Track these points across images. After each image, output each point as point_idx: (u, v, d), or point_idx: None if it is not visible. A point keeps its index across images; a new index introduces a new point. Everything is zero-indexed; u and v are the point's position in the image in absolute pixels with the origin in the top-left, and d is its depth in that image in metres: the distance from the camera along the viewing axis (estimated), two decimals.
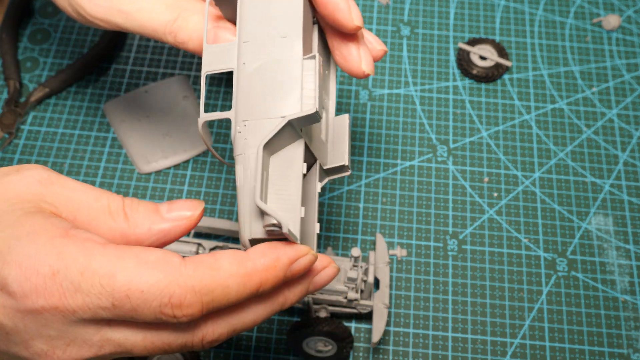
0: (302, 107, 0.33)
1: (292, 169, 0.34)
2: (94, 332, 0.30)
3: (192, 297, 0.29)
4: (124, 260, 0.29)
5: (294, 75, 0.33)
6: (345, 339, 0.48)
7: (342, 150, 0.39)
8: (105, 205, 0.33)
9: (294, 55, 0.34)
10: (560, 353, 0.51)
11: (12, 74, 0.61)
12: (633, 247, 0.56)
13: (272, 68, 0.34)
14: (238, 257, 0.31)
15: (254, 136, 0.33)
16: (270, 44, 0.34)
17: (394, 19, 0.68)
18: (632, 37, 0.67)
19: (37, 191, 0.32)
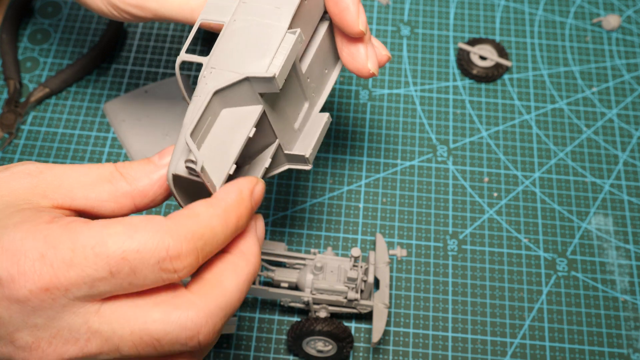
0: (267, 71, 0.34)
1: (240, 128, 0.34)
2: (82, 322, 0.29)
3: (187, 245, 0.29)
4: (111, 227, 0.29)
5: (272, 42, 0.35)
6: (345, 339, 0.48)
7: (309, 142, 0.40)
8: (96, 174, 0.33)
9: (279, 25, 0.35)
10: (560, 353, 0.51)
11: (12, 74, 0.62)
12: (633, 247, 0.56)
13: (255, 30, 0.35)
14: (209, 201, 0.32)
15: (215, 83, 0.34)
16: (263, 10, 0.36)
17: (394, 19, 0.68)
18: (632, 37, 0.67)
19: (29, 184, 0.32)
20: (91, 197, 0.33)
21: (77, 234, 0.29)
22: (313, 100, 0.41)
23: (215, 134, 0.34)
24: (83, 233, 0.29)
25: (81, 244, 0.28)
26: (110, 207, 0.33)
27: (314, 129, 0.40)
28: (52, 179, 0.32)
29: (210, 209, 0.31)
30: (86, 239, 0.28)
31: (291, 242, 0.55)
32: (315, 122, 0.40)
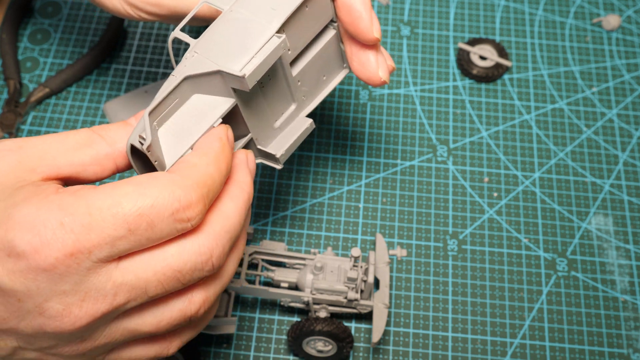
0: (241, 69, 0.34)
1: (207, 115, 0.35)
2: (106, 279, 0.30)
3: (195, 194, 0.31)
4: (120, 188, 0.30)
5: (256, 42, 0.35)
6: (345, 339, 0.48)
7: (284, 143, 0.40)
8: (75, 140, 0.34)
9: (268, 27, 0.35)
10: (560, 353, 0.51)
11: (12, 74, 0.62)
12: (633, 247, 0.56)
13: (246, 25, 0.35)
14: (198, 152, 0.34)
15: (191, 67, 0.35)
16: (260, 7, 0.36)
17: (394, 19, 0.68)
18: (632, 37, 0.67)
19: (13, 161, 0.32)
20: (75, 162, 0.34)
21: (90, 198, 0.30)
22: (302, 103, 0.41)
23: (180, 116, 0.35)
24: (95, 197, 0.30)
25: (97, 207, 0.29)
26: (94, 170, 0.34)
27: (294, 132, 0.40)
28: (34, 152, 0.33)
29: (204, 158, 0.33)
30: (100, 201, 0.30)
31: (291, 242, 0.55)
32: (298, 125, 0.41)
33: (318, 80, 0.41)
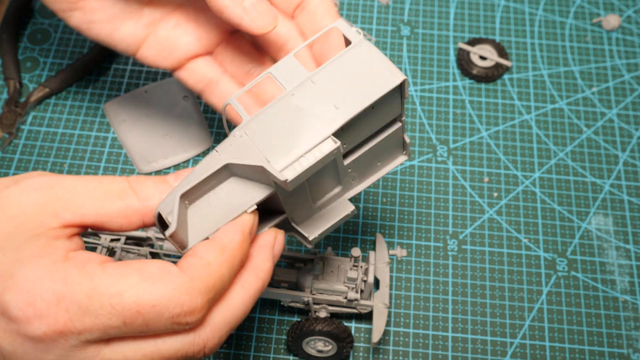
0: (284, 170, 0.32)
1: (242, 198, 0.33)
2: (94, 356, 0.30)
3: (202, 300, 0.30)
4: (128, 277, 0.30)
5: (311, 140, 0.32)
6: (345, 339, 0.48)
7: (320, 226, 0.38)
8: (107, 189, 0.33)
9: (327, 126, 0.32)
10: (560, 353, 0.51)
11: (12, 74, 0.61)
12: (633, 247, 0.56)
13: (303, 116, 0.33)
14: (215, 247, 0.32)
15: (235, 151, 0.33)
16: (323, 99, 0.33)
17: (394, 19, 0.68)
18: (632, 37, 0.67)
19: (39, 200, 0.31)
20: (101, 212, 0.32)
21: (94, 279, 0.29)
22: (349, 185, 0.38)
23: (214, 196, 0.34)
24: (100, 280, 0.29)
25: (99, 292, 0.29)
26: (119, 222, 0.33)
27: (333, 215, 0.38)
28: (63, 194, 0.32)
29: (219, 257, 0.32)
30: (104, 287, 0.29)
31: (291, 242, 0.55)
32: (339, 208, 0.38)
33: (372, 166, 0.38)
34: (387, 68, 0.33)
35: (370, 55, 0.33)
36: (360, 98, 0.32)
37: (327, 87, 0.33)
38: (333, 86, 0.33)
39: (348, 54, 0.34)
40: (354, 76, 0.33)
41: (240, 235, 0.33)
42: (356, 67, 0.33)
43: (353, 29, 0.34)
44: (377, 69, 0.33)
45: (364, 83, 0.33)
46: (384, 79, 0.33)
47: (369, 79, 0.33)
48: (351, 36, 0.34)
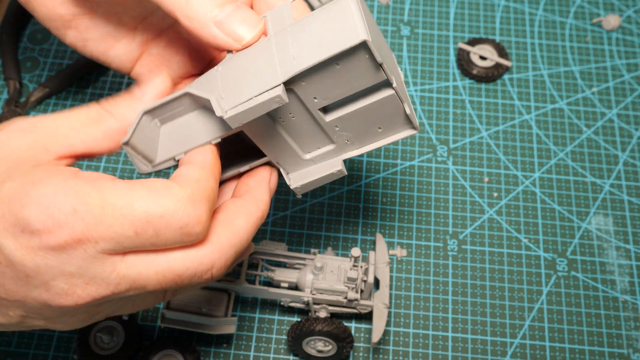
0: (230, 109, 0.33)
1: (208, 130, 0.35)
2: (111, 270, 0.31)
3: (205, 210, 0.33)
4: (136, 191, 0.32)
5: (260, 86, 0.33)
6: (345, 339, 0.48)
7: (305, 177, 0.39)
8: (85, 117, 0.35)
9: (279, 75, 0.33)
10: (560, 353, 0.51)
11: (12, 74, 0.61)
12: (633, 247, 0.56)
13: (268, 63, 0.33)
14: (196, 166, 0.35)
15: (203, 82, 0.35)
16: (287, 49, 0.33)
17: (394, 19, 0.68)
18: (632, 37, 0.67)
19: (28, 140, 0.33)
20: (88, 140, 0.35)
21: (105, 192, 0.31)
22: (345, 146, 0.38)
23: (185, 122, 0.36)
24: (111, 192, 0.31)
25: (110, 202, 0.31)
26: (107, 145, 0.36)
27: (321, 171, 0.39)
28: (48, 131, 0.34)
29: (203, 172, 0.34)
30: (114, 198, 0.31)
31: (291, 242, 0.55)
32: (328, 165, 0.39)
33: (369, 130, 0.38)
34: (355, 26, 0.32)
35: (349, 10, 0.32)
36: (316, 53, 0.32)
37: (297, 37, 0.33)
38: (302, 37, 0.33)
39: (329, 7, 0.33)
40: (323, 30, 0.33)
41: (211, 153, 0.36)
42: (329, 22, 0.33)
43: None
44: (347, 24, 0.32)
45: (328, 38, 0.32)
46: (345, 37, 0.32)
47: (334, 35, 0.32)
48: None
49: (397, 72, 0.37)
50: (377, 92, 0.35)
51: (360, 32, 0.31)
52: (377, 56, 0.32)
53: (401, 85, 0.36)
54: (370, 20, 0.34)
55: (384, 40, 0.37)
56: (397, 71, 0.37)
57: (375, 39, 0.33)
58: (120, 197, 0.31)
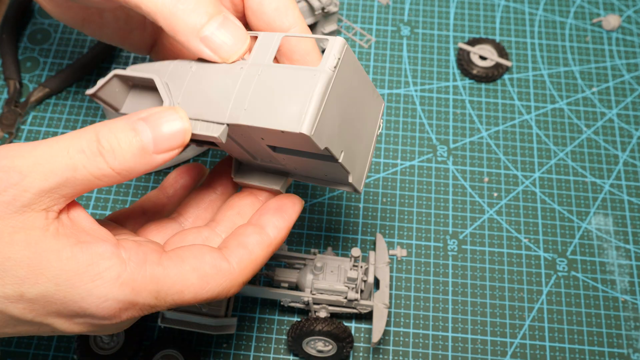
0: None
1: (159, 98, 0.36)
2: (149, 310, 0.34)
3: (243, 283, 0.35)
4: (186, 279, 0.33)
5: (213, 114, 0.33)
6: (345, 339, 0.48)
7: (249, 178, 0.40)
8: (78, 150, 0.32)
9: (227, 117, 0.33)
10: (560, 353, 0.51)
11: (12, 74, 0.61)
12: (633, 247, 0.56)
13: (225, 94, 0.33)
14: (264, 241, 0.36)
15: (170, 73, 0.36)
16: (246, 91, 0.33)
17: (394, 19, 0.68)
18: (632, 37, 0.67)
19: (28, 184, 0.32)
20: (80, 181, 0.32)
21: (158, 283, 0.32)
22: (292, 170, 0.38)
23: (149, 95, 0.37)
24: (163, 283, 0.32)
25: (164, 292, 0.33)
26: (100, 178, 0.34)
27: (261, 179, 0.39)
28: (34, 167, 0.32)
29: (265, 251, 0.36)
30: (166, 287, 0.33)
31: (291, 242, 0.55)
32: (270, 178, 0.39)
33: (315, 172, 0.38)
34: (305, 115, 0.31)
35: (313, 90, 0.31)
36: (264, 118, 0.32)
37: (260, 87, 0.33)
38: (263, 91, 0.32)
39: (303, 73, 0.32)
40: (283, 96, 0.32)
41: (285, 231, 0.37)
42: (292, 90, 0.32)
43: (334, 54, 0.32)
44: (301, 106, 0.31)
45: (281, 109, 0.31)
46: (292, 121, 0.31)
47: (287, 108, 0.31)
48: (328, 60, 0.32)
49: (366, 127, 0.36)
50: (324, 158, 0.35)
51: (304, 125, 0.30)
52: (320, 145, 0.31)
53: (359, 148, 0.35)
54: (348, 78, 0.33)
55: (360, 93, 0.35)
56: (367, 126, 0.36)
57: (333, 114, 0.32)
58: (172, 286, 0.33)
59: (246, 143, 0.36)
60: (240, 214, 0.38)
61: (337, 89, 0.32)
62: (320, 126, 0.31)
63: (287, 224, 0.36)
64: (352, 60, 0.33)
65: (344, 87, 0.33)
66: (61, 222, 0.32)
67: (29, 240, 0.30)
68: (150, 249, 0.33)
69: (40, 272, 0.30)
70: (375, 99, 0.37)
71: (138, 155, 0.32)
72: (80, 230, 0.32)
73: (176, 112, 0.33)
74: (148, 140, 0.32)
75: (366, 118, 0.36)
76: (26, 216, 0.30)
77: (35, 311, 0.31)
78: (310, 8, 0.59)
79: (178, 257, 0.33)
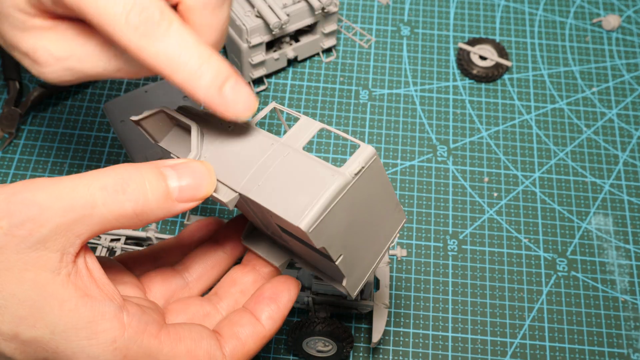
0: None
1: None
2: None
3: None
4: (179, 357, 0.33)
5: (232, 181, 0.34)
6: (345, 339, 0.48)
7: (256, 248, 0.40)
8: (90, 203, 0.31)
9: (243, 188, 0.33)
10: (560, 353, 0.51)
11: (12, 74, 0.61)
12: (633, 247, 0.56)
13: (250, 166, 0.34)
14: (258, 335, 0.36)
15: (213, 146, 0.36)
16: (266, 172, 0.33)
17: (394, 19, 0.68)
18: (632, 37, 0.67)
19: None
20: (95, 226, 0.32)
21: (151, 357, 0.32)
22: (296, 256, 0.40)
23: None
24: (157, 358, 0.32)
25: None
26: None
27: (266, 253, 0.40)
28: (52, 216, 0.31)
29: (259, 344, 0.36)
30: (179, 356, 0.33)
31: None
32: (274, 254, 0.40)
33: (316, 263, 0.39)
34: (307, 211, 0.31)
35: (330, 188, 0.31)
36: (272, 199, 0.32)
37: (280, 168, 0.33)
38: (282, 174, 0.33)
39: (324, 170, 0.32)
40: (297, 185, 0.32)
41: (280, 321, 0.37)
42: (307, 183, 0.32)
43: (360, 162, 0.32)
44: (308, 201, 0.31)
45: (290, 197, 0.32)
46: (296, 213, 0.31)
47: (295, 199, 0.31)
48: (352, 165, 0.32)
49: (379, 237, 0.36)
50: (324, 254, 0.35)
51: (304, 221, 0.31)
52: (316, 243, 0.32)
53: (365, 255, 0.36)
54: (369, 187, 0.33)
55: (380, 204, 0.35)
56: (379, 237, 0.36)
57: (340, 218, 0.32)
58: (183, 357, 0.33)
59: (260, 214, 0.36)
60: (243, 292, 0.38)
61: (352, 194, 0.32)
62: (321, 225, 0.31)
63: (281, 313, 0.36)
64: (379, 171, 0.33)
65: (361, 195, 0.33)
66: (76, 268, 0.31)
67: (37, 280, 0.30)
68: (152, 319, 0.33)
69: (40, 316, 0.30)
70: (396, 213, 0.37)
71: (162, 200, 0.31)
72: (92, 280, 0.31)
73: (204, 167, 0.33)
74: (174, 187, 0.32)
75: (381, 229, 0.36)
76: (40, 254, 0.30)
77: (26, 354, 0.31)
78: (310, 8, 0.59)
79: (176, 335, 0.33)
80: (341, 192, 0.31)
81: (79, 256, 0.31)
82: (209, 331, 0.35)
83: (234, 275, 0.39)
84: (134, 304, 0.33)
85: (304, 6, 0.59)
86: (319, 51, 0.65)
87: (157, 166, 0.32)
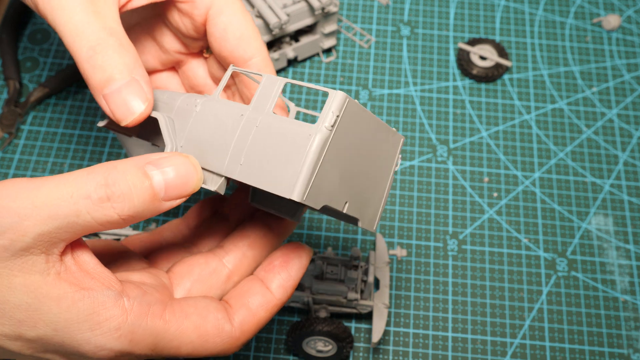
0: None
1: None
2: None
3: (243, 343, 0.35)
4: (186, 335, 0.33)
5: (214, 163, 0.33)
6: (345, 339, 0.48)
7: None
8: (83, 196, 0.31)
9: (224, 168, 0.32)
10: (560, 353, 0.51)
11: (12, 74, 0.61)
12: (633, 247, 0.56)
13: (223, 140, 0.33)
14: (269, 305, 0.35)
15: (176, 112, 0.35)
16: (243, 144, 0.32)
17: (394, 19, 0.68)
18: (632, 37, 0.67)
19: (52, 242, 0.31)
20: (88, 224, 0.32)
21: (157, 337, 0.32)
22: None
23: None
24: (162, 338, 0.32)
25: (161, 346, 0.33)
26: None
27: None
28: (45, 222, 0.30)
29: (269, 313, 0.35)
30: (165, 342, 0.32)
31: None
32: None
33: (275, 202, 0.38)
34: (296, 179, 0.30)
35: (310, 150, 0.30)
36: (256, 176, 0.31)
37: (257, 140, 0.32)
38: (259, 145, 0.31)
39: (300, 130, 0.30)
40: (278, 154, 0.31)
41: (291, 290, 0.36)
42: (288, 148, 0.31)
43: (333, 112, 0.31)
44: (295, 168, 0.30)
45: (274, 170, 0.30)
46: (284, 184, 0.30)
47: (280, 170, 0.30)
48: (326, 118, 0.31)
49: (380, 168, 0.35)
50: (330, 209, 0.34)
51: (295, 192, 0.29)
52: (315, 206, 0.31)
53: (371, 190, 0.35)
54: (352, 130, 0.32)
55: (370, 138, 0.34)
56: (381, 167, 0.35)
57: (332, 171, 0.31)
58: (171, 341, 0.32)
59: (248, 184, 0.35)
60: (252, 247, 0.37)
61: (336, 145, 0.31)
62: (314, 188, 0.30)
63: (292, 281, 0.36)
64: (356, 111, 0.32)
65: (346, 141, 0.32)
66: (64, 265, 0.31)
67: (27, 284, 0.30)
68: (155, 299, 0.32)
69: (39, 317, 0.30)
70: (391, 137, 0.35)
71: (148, 202, 0.31)
72: (85, 273, 0.31)
73: (189, 162, 0.32)
74: (160, 187, 0.31)
75: (379, 159, 0.35)
76: (25, 259, 0.29)
77: (34, 349, 0.31)
78: (310, 8, 0.59)
79: (182, 312, 0.33)
80: (323, 149, 0.30)
81: (65, 253, 0.31)
82: (216, 303, 0.34)
83: (243, 229, 0.38)
84: (134, 287, 0.32)
85: (304, 6, 0.59)
86: (319, 51, 0.65)
87: (140, 166, 0.31)
